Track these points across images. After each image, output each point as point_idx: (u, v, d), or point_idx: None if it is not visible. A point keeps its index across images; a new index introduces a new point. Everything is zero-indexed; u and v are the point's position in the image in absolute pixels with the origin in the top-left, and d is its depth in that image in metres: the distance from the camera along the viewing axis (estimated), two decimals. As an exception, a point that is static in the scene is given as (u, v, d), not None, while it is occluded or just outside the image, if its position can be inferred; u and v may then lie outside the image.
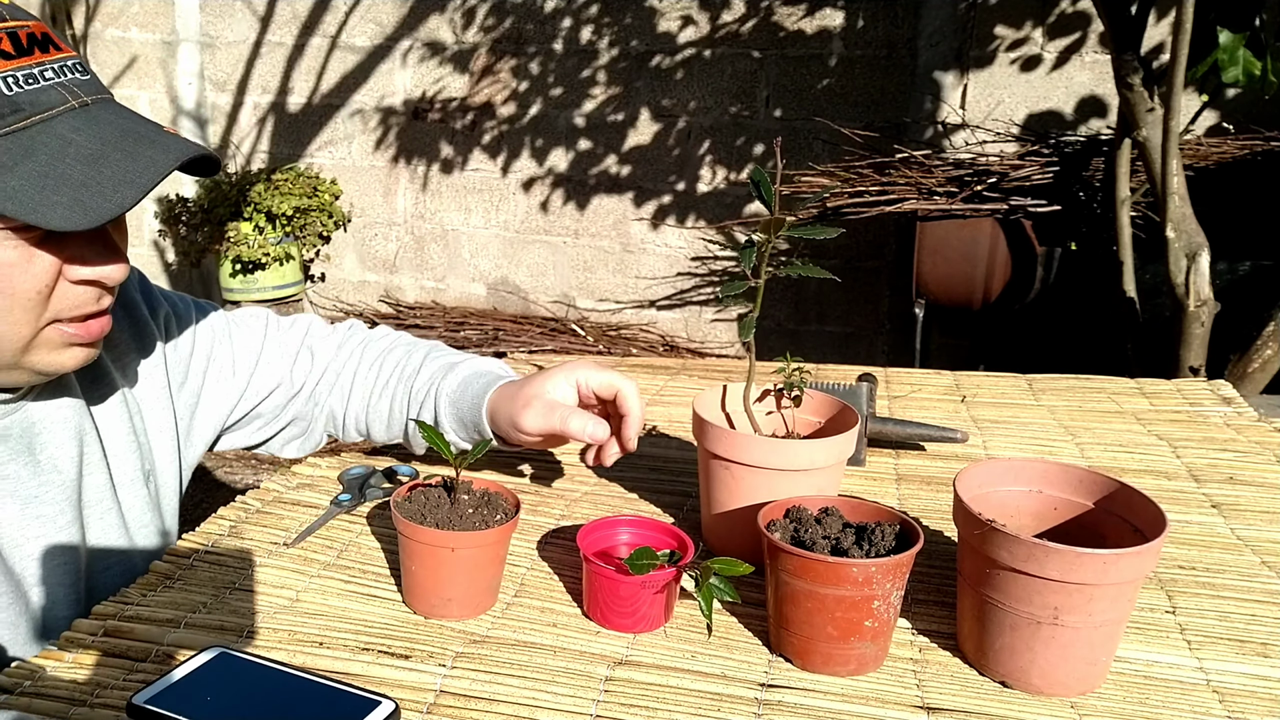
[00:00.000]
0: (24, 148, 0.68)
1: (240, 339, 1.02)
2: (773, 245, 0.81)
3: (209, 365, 0.99)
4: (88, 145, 0.70)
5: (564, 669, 0.72)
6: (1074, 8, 3.20)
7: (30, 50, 0.70)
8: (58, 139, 0.70)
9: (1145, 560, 0.68)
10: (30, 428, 0.82)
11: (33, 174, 0.68)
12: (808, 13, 3.57)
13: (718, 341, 4.00)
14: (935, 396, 1.38)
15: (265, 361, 1.03)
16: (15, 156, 0.68)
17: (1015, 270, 2.93)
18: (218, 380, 1.00)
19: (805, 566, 0.71)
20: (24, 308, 0.73)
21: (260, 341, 1.03)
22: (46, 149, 0.69)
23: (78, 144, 0.70)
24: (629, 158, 3.92)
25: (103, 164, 0.70)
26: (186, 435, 0.98)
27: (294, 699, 0.64)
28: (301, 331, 1.07)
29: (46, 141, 0.69)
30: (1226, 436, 1.23)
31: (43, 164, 0.68)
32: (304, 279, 4.32)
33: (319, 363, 1.05)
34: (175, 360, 0.97)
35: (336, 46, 4.27)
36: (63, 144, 0.70)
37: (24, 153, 0.68)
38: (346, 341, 1.08)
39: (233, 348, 1.01)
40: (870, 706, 0.69)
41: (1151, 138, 2.31)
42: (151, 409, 0.94)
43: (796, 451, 0.85)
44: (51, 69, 0.71)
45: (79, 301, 0.76)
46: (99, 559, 0.88)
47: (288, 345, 1.05)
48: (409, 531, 0.78)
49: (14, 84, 0.69)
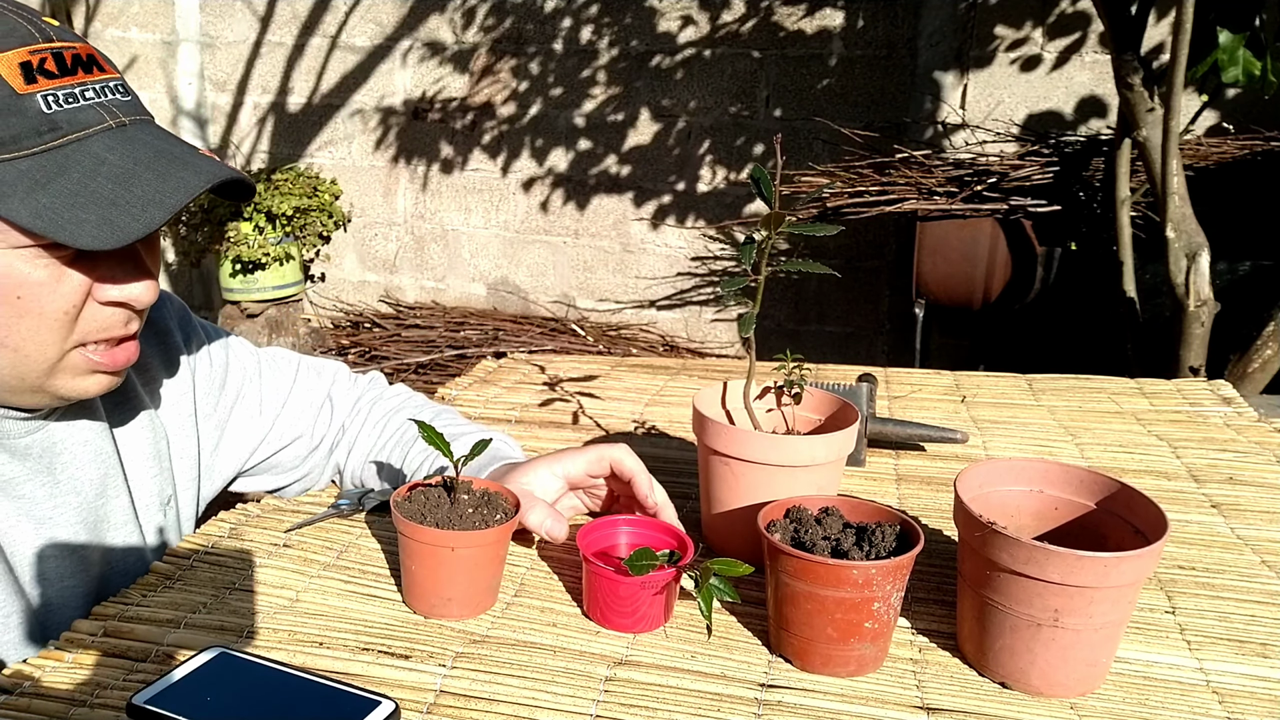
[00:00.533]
0: (58, 165, 0.69)
1: (270, 380, 1.01)
2: (773, 245, 0.81)
3: (237, 401, 0.99)
4: (120, 164, 0.70)
5: (564, 669, 0.72)
6: (1074, 8, 3.20)
7: (74, 70, 0.71)
8: (91, 157, 0.70)
9: (1146, 563, 0.68)
10: (51, 448, 0.82)
11: (64, 192, 0.68)
12: (808, 13, 3.57)
13: (718, 341, 4.00)
14: (935, 396, 1.38)
15: (291, 407, 1.02)
16: (49, 174, 0.68)
17: (1015, 270, 2.93)
18: (243, 418, 0.99)
19: (805, 568, 0.71)
20: (51, 328, 0.73)
21: (289, 386, 1.03)
22: (79, 167, 0.69)
23: (111, 163, 0.70)
24: (629, 158, 3.92)
25: (133, 183, 0.70)
26: (209, 468, 0.98)
27: (294, 699, 0.64)
28: (328, 382, 1.06)
29: (80, 160, 0.69)
30: (1226, 437, 1.23)
31: (75, 182, 0.69)
32: (304, 279, 4.32)
33: (337, 418, 1.05)
34: (205, 391, 0.97)
35: (336, 46, 4.27)
36: (96, 163, 0.70)
37: (57, 170, 0.69)
38: (362, 396, 1.08)
39: (261, 388, 1.01)
40: (870, 707, 0.69)
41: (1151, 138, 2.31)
42: (176, 435, 0.94)
43: (797, 447, 0.85)
44: (93, 89, 0.72)
45: (107, 324, 0.76)
46: (114, 581, 0.87)
47: (314, 395, 1.04)
48: (409, 531, 0.78)
49: (53, 102, 0.69)
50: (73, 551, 0.83)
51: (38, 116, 0.68)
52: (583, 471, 0.92)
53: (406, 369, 3.92)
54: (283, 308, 4.14)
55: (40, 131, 0.68)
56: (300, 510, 0.98)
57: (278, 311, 4.12)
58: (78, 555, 0.83)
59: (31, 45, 0.69)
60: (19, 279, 0.70)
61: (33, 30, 0.70)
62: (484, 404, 1.34)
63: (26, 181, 0.68)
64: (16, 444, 0.80)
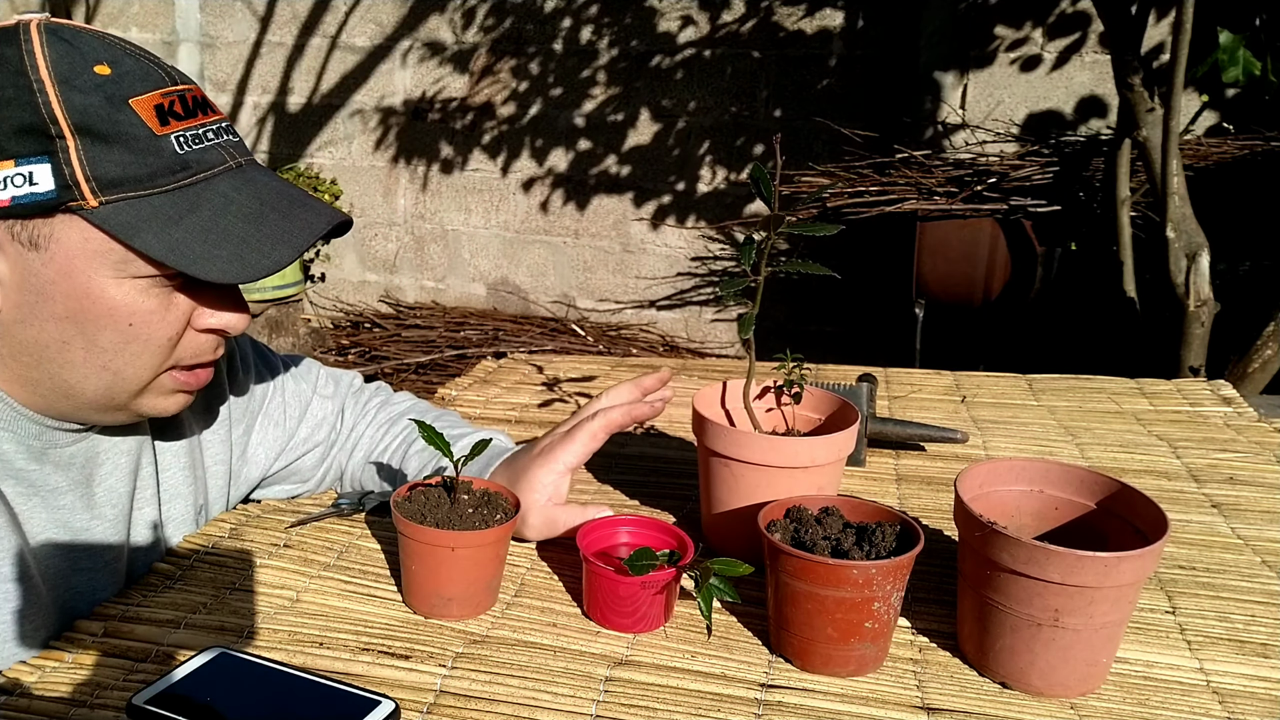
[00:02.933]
0: (191, 203, 0.72)
1: (290, 390, 1.03)
2: (773, 244, 0.81)
3: (261, 409, 1.00)
4: (248, 204, 0.74)
5: (564, 669, 0.72)
6: (1074, 8, 3.20)
7: (195, 113, 0.75)
8: (220, 196, 0.74)
9: (1146, 563, 0.68)
10: (93, 459, 0.82)
11: (197, 228, 0.72)
12: (808, 13, 3.57)
13: (718, 341, 4.00)
14: (935, 396, 1.38)
15: (311, 416, 1.03)
16: (182, 210, 0.72)
17: (1015, 270, 2.93)
18: (266, 426, 1.00)
19: (805, 568, 0.71)
20: (153, 353, 0.76)
21: (310, 394, 1.04)
22: (210, 205, 0.73)
23: (239, 202, 0.74)
24: (629, 158, 3.92)
25: (262, 223, 0.74)
26: (237, 474, 0.98)
27: (294, 699, 0.64)
28: (344, 389, 1.08)
29: (210, 198, 0.73)
30: (1227, 436, 1.23)
31: (206, 219, 0.72)
32: (304, 279, 4.32)
33: (348, 423, 1.06)
34: (236, 398, 0.98)
35: (336, 46, 4.27)
36: (225, 201, 0.74)
37: (190, 207, 0.72)
38: (370, 400, 1.09)
39: (284, 398, 1.02)
40: (870, 707, 0.69)
41: (1151, 138, 2.32)
42: (210, 443, 0.95)
43: (796, 449, 0.85)
44: (211, 130, 0.75)
45: (200, 349, 0.79)
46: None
47: (333, 403, 1.05)
48: (409, 531, 0.78)
49: (184, 143, 0.73)
50: (106, 564, 0.83)
51: (172, 157, 0.72)
52: (580, 456, 0.91)
53: (406, 369, 3.92)
54: (283, 308, 4.14)
55: (174, 171, 0.72)
56: (300, 510, 0.98)
57: (278, 311, 4.12)
58: (111, 569, 0.83)
59: (163, 89, 0.73)
60: (133, 307, 0.73)
61: (161, 74, 0.74)
62: (484, 404, 1.34)
63: (160, 218, 0.71)
64: (61, 454, 0.80)
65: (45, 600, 0.77)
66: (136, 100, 0.71)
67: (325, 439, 1.03)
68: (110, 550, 0.83)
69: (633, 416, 0.93)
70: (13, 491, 0.76)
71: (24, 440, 0.77)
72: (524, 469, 0.91)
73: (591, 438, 0.91)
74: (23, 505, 0.76)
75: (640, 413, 0.93)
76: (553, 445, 0.92)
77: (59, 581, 0.79)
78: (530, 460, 0.92)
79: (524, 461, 0.92)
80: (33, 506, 0.77)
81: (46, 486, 0.78)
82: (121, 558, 0.84)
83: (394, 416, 1.06)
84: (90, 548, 0.82)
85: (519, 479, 0.91)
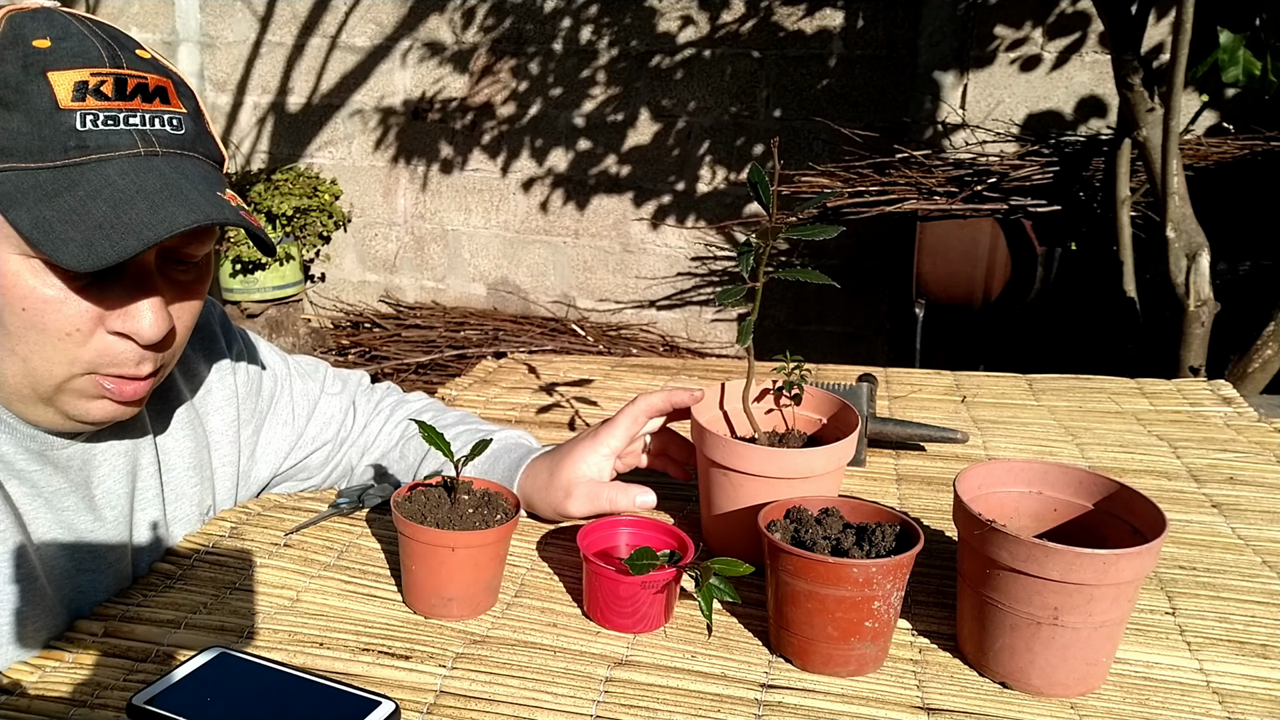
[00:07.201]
0: (69, 182, 0.69)
1: (299, 389, 1.03)
2: (772, 246, 0.81)
3: (270, 409, 1.00)
4: (124, 191, 0.70)
5: (564, 669, 0.72)
6: (1074, 8, 3.20)
7: (131, 97, 0.71)
8: (100, 179, 0.69)
9: (1145, 561, 0.68)
10: (89, 461, 0.82)
11: (63, 208, 0.68)
12: (808, 13, 3.57)
13: (718, 341, 4.00)
14: (935, 396, 1.38)
15: (319, 414, 1.03)
16: (58, 188, 0.68)
17: (1015, 270, 2.93)
18: (276, 424, 1.00)
19: (805, 567, 0.71)
20: (55, 347, 0.72)
21: (318, 393, 1.04)
22: (86, 187, 0.69)
23: (117, 187, 0.70)
24: (629, 158, 3.92)
25: (127, 210, 0.69)
26: (246, 475, 0.98)
27: (294, 699, 0.64)
28: (353, 387, 1.08)
29: (89, 180, 0.69)
30: (1227, 436, 1.23)
31: (76, 200, 0.68)
32: (304, 279, 4.32)
33: (359, 421, 1.06)
34: (244, 397, 0.97)
35: (336, 46, 4.27)
36: (102, 184, 0.69)
37: (66, 186, 0.69)
38: (382, 400, 1.09)
39: (292, 396, 1.02)
40: (870, 707, 0.69)
41: (1151, 138, 2.32)
42: (219, 443, 0.94)
43: (795, 460, 0.85)
44: (142, 116, 0.71)
45: (116, 357, 0.74)
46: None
47: (340, 400, 1.05)
48: (409, 531, 0.78)
49: (91, 122, 0.69)
50: (110, 565, 0.82)
51: (69, 133, 0.69)
52: (625, 438, 0.96)
53: (406, 369, 3.92)
54: (283, 308, 4.14)
55: (67, 148, 0.69)
56: (300, 510, 0.98)
57: (278, 312, 4.13)
58: (115, 569, 0.83)
59: (96, 68, 0.69)
60: (25, 290, 0.70)
61: (104, 56, 0.70)
62: (484, 404, 1.34)
63: (38, 193, 0.68)
64: (59, 455, 0.79)
65: (51, 600, 0.77)
66: (55, 73, 0.68)
67: (333, 437, 1.03)
68: (114, 551, 0.83)
69: (672, 402, 0.96)
70: (17, 492, 0.76)
71: (21, 441, 0.77)
72: (569, 449, 0.96)
73: (633, 420, 0.96)
74: (27, 506, 0.76)
75: (679, 399, 0.96)
76: (598, 429, 0.97)
77: (64, 582, 0.79)
78: (576, 442, 0.97)
79: (569, 445, 0.97)
80: (37, 508, 0.77)
81: (50, 488, 0.78)
82: (125, 558, 0.84)
83: (411, 415, 1.07)
84: (94, 548, 0.81)
85: (564, 460, 0.95)
